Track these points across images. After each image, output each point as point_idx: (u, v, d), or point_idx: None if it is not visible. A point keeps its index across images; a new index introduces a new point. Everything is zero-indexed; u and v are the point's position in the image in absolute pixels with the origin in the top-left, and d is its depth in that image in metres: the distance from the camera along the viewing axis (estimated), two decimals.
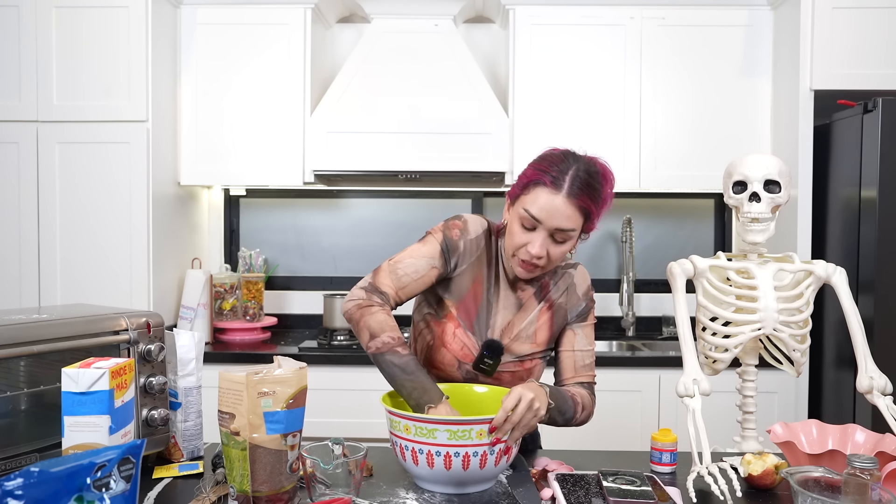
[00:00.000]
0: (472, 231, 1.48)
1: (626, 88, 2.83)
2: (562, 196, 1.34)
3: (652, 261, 3.20)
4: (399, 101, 2.82)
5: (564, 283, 1.53)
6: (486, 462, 1.21)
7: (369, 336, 1.36)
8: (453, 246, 1.46)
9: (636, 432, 2.60)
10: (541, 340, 1.50)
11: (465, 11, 3.00)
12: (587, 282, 1.55)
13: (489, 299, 1.49)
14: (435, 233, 1.48)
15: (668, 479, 1.35)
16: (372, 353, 1.36)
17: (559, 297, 1.52)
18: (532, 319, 1.49)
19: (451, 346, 1.47)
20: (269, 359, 2.27)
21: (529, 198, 1.36)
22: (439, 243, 1.46)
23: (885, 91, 2.54)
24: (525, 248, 1.38)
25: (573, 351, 1.51)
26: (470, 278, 1.48)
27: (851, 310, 1.51)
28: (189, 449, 1.42)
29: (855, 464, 1.04)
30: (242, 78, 2.84)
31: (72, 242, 2.63)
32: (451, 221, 1.50)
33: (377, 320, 1.37)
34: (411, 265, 1.43)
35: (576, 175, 1.35)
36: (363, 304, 1.40)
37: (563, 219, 1.35)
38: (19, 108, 2.61)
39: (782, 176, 1.54)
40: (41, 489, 0.88)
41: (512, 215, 1.41)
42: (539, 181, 1.36)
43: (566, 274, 1.54)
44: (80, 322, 1.30)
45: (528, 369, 1.50)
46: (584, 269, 1.56)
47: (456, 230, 1.48)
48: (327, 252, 3.23)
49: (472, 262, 1.48)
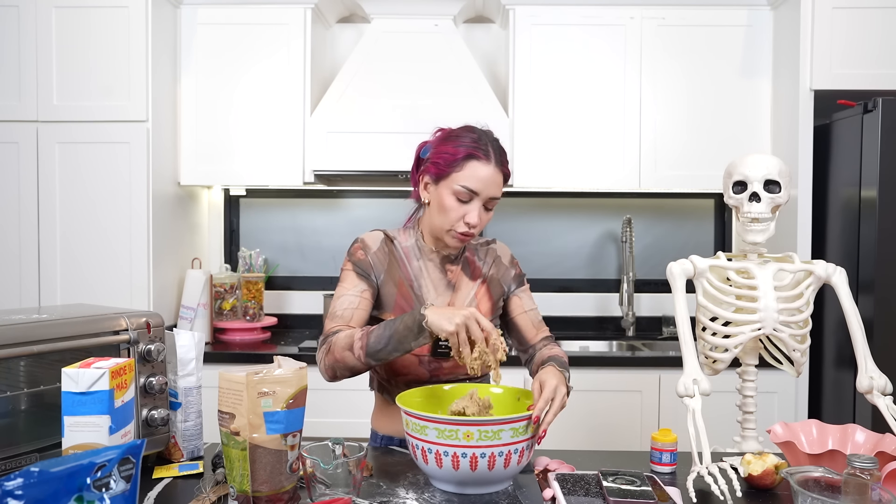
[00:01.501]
0: (372, 245, 1.55)
1: (626, 88, 2.83)
2: (492, 166, 1.45)
3: (652, 261, 3.20)
4: (399, 101, 2.82)
5: (490, 257, 1.64)
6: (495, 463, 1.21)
7: (350, 352, 1.39)
8: (365, 264, 1.53)
9: (636, 432, 2.60)
10: (484, 311, 1.57)
11: (465, 11, 3.00)
12: (509, 251, 1.68)
13: (420, 292, 1.54)
14: (345, 266, 1.55)
15: (668, 479, 1.35)
16: (364, 354, 1.37)
17: (489, 270, 1.62)
18: (471, 295, 1.57)
19: None
20: (269, 359, 2.27)
21: (464, 173, 1.43)
22: (353, 270, 1.53)
23: (885, 91, 2.54)
24: (462, 221, 1.46)
25: (525, 312, 1.63)
26: (392, 285, 1.54)
27: (851, 310, 1.51)
28: (189, 449, 1.42)
29: (855, 464, 1.04)
30: (242, 78, 2.84)
31: (72, 242, 2.63)
32: (351, 249, 1.56)
33: (341, 338, 1.41)
34: (343, 302, 1.49)
35: (494, 143, 1.48)
36: (326, 349, 1.44)
37: (496, 187, 1.46)
38: (19, 108, 2.61)
39: (782, 176, 1.54)
40: (41, 489, 0.88)
41: (441, 193, 1.47)
42: (471, 155, 1.44)
43: (489, 249, 1.65)
44: (80, 322, 1.30)
45: None
46: (502, 243, 1.69)
47: (359, 252, 1.54)
48: (327, 252, 3.23)
49: (385, 270, 1.54)
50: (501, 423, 1.20)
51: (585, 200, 3.22)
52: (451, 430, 1.19)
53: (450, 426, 1.19)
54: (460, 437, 1.19)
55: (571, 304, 3.19)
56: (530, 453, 1.27)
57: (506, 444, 1.21)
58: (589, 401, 2.58)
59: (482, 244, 1.65)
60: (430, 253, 1.56)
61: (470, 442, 1.19)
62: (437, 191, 1.48)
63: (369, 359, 1.38)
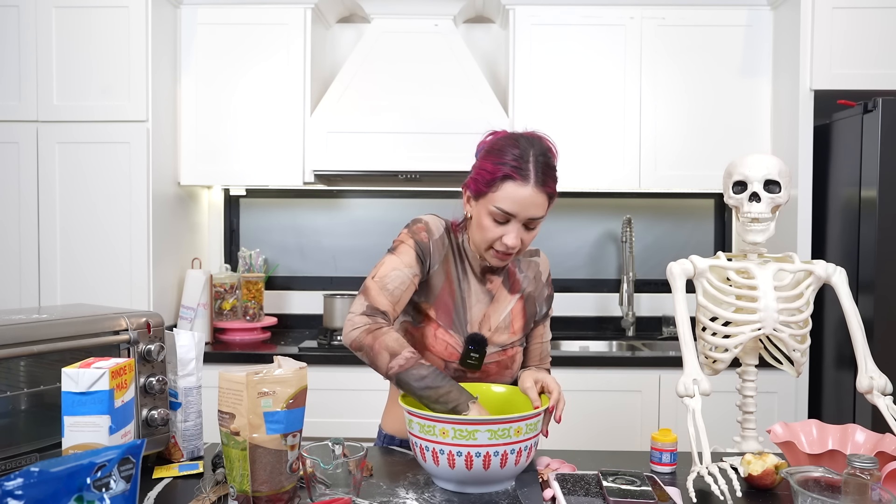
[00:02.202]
0: (435, 231, 1.48)
1: (626, 88, 2.83)
2: (531, 187, 1.35)
3: (652, 261, 3.20)
4: (399, 101, 2.82)
5: (531, 272, 1.58)
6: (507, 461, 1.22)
7: (389, 357, 1.33)
8: (426, 248, 1.46)
9: (636, 432, 2.60)
10: (517, 328, 1.53)
11: (465, 11, 3.00)
12: (548, 267, 1.63)
13: (462, 295, 1.49)
14: (406, 240, 1.46)
15: (668, 479, 1.35)
16: (395, 372, 1.32)
17: (528, 286, 1.57)
18: (507, 311, 1.52)
19: (435, 347, 1.46)
20: (269, 359, 2.27)
21: (499, 194, 1.36)
22: (414, 249, 1.45)
23: (885, 91, 2.54)
24: (500, 241, 1.40)
25: (542, 343, 1.61)
26: (441, 277, 1.48)
27: (851, 310, 1.51)
28: (189, 449, 1.42)
29: (855, 464, 1.04)
30: (242, 78, 2.84)
31: (72, 242, 2.63)
32: (414, 226, 1.48)
33: (393, 339, 1.34)
34: (398, 277, 1.41)
35: (537, 161, 1.36)
36: (372, 328, 1.36)
37: (535, 208, 1.37)
38: (19, 108, 2.61)
39: (782, 176, 1.54)
40: (41, 489, 0.88)
41: (479, 210, 1.41)
42: (508, 176, 1.35)
43: (531, 262, 1.59)
44: (80, 322, 1.30)
45: (510, 356, 1.53)
46: (545, 256, 1.62)
47: (423, 233, 1.47)
48: (327, 252, 3.23)
49: (440, 261, 1.48)
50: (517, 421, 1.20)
51: (585, 200, 3.22)
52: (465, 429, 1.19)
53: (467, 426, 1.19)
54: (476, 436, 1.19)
55: (571, 304, 3.19)
56: (530, 453, 1.28)
57: (519, 441, 1.21)
58: (589, 401, 2.58)
59: (526, 254, 1.60)
60: (474, 259, 1.51)
61: (484, 441, 1.19)
62: (476, 207, 1.42)
63: (395, 380, 1.33)
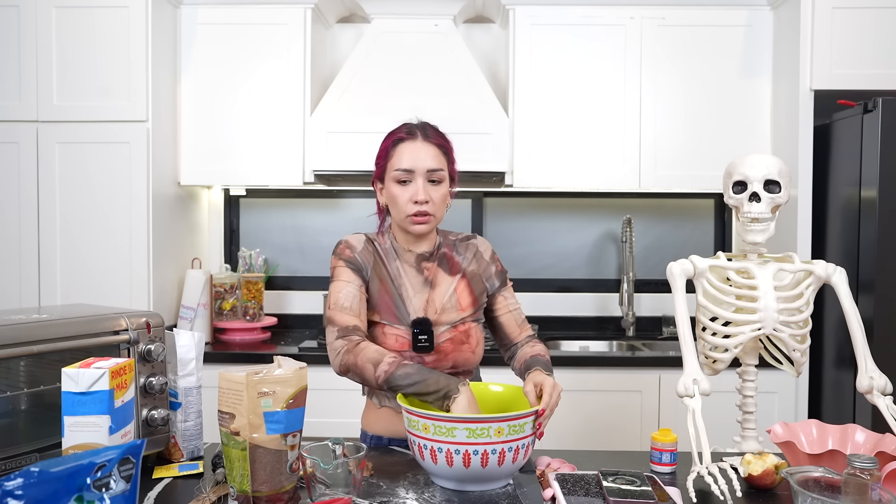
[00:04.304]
0: (356, 245, 1.58)
1: (626, 88, 2.83)
2: (419, 141, 1.51)
3: (652, 261, 3.20)
4: (399, 101, 2.82)
5: (470, 252, 1.64)
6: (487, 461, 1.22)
7: (373, 367, 1.39)
8: (355, 262, 1.55)
9: (636, 432, 2.60)
10: (465, 305, 1.58)
11: (465, 11, 3.00)
12: (490, 247, 1.68)
13: (398, 291, 1.55)
14: (336, 264, 1.56)
15: (668, 479, 1.35)
16: (383, 379, 1.38)
17: (469, 265, 1.62)
18: (451, 290, 1.58)
19: (386, 344, 1.52)
20: (269, 359, 2.27)
21: (395, 159, 1.51)
22: (346, 267, 1.54)
23: (885, 91, 2.54)
24: (411, 204, 1.50)
25: (510, 312, 1.65)
26: (376, 282, 1.56)
27: (851, 310, 1.51)
28: (189, 449, 1.42)
29: (855, 464, 1.04)
30: (242, 78, 2.84)
31: (72, 242, 2.63)
32: (338, 249, 1.57)
33: (372, 350, 1.42)
34: (347, 294, 1.50)
35: (422, 124, 1.56)
36: (350, 348, 1.44)
37: (430, 159, 1.50)
38: (19, 108, 2.61)
39: (782, 176, 1.54)
40: (41, 489, 0.88)
41: (387, 189, 1.54)
42: (397, 140, 1.52)
43: (469, 245, 1.65)
44: (80, 322, 1.30)
45: (463, 332, 1.57)
46: (483, 239, 1.69)
47: (346, 251, 1.56)
48: (327, 252, 3.22)
49: (371, 268, 1.56)
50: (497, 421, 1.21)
51: (585, 200, 3.22)
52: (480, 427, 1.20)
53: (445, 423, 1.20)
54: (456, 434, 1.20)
55: (571, 304, 3.19)
56: (527, 452, 1.28)
57: (500, 441, 1.21)
58: (589, 401, 2.58)
59: (462, 239, 1.66)
60: (405, 253, 1.58)
61: (481, 439, 1.20)
62: (385, 189, 1.55)
63: (386, 385, 1.39)
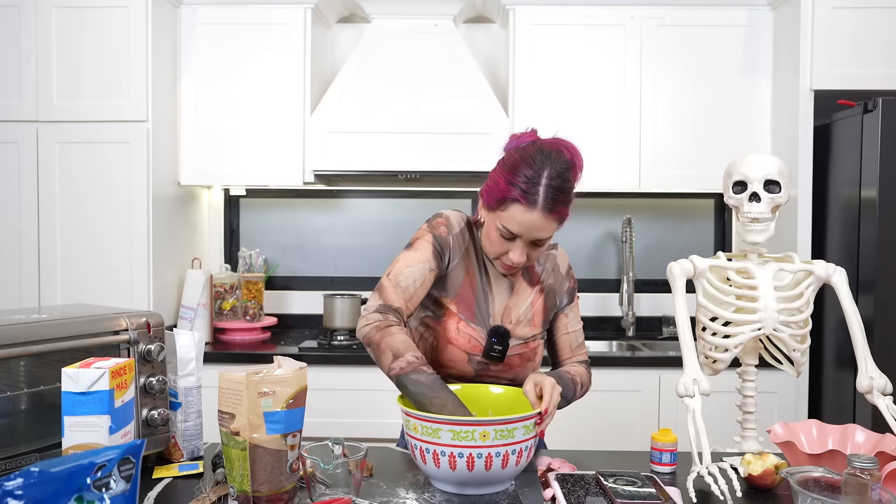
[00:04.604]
0: (455, 226, 1.51)
1: (626, 88, 2.83)
2: (538, 212, 1.35)
3: (652, 261, 3.20)
4: (399, 101, 2.82)
5: (550, 265, 1.59)
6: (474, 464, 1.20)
7: (392, 357, 1.33)
8: (444, 243, 1.48)
9: (636, 432, 2.60)
10: (538, 323, 1.55)
11: (465, 11, 3.00)
12: (567, 260, 1.63)
13: (483, 288, 1.51)
14: (424, 236, 1.48)
15: (668, 479, 1.35)
16: (396, 374, 1.33)
17: (548, 279, 1.57)
18: (528, 304, 1.54)
19: (458, 341, 1.48)
20: (269, 359, 2.27)
21: (506, 215, 1.37)
22: (431, 244, 1.47)
23: (885, 91, 2.54)
24: (506, 255, 1.42)
25: (568, 333, 1.60)
26: (462, 271, 1.50)
27: (851, 310, 1.51)
28: (189, 449, 1.42)
29: (855, 464, 1.04)
30: (242, 78, 2.84)
31: (72, 242, 2.63)
32: (434, 221, 1.50)
33: (399, 340, 1.35)
34: (411, 274, 1.43)
35: (548, 186, 1.35)
36: (381, 326, 1.37)
37: (540, 231, 1.38)
38: (19, 108, 2.61)
39: (782, 176, 1.54)
40: (41, 489, 0.88)
41: (489, 222, 1.42)
42: (514, 199, 1.35)
43: (549, 256, 1.60)
44: (80, 322, 1.30)
45: (532, 349, 1.54)
46: (563, 250, 1.63)
47: (442, 227, 1.49)
48: (327, 252, 3.23)
49: (461, 255, 1.51)
50: (515, 422, 1.20)
51: (585, 200, 3.22)
52: (466, 430, 1.19)
53: (465, 427, 1.19)
54: (476, 437, 1.19)
55: None
56: (529, 454, 1.27)
57: (519, 441, 1.21)
58: (589, 401, 2.57)
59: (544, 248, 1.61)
60: None
61: (486, 442, 1.19)
62: (487, 217, 1.44)
63: (395, 379, 1.34)
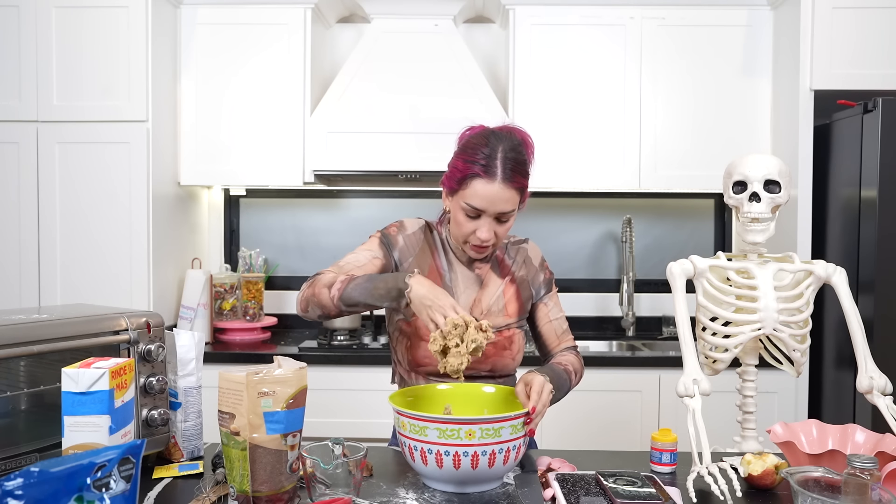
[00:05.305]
0: (408, 228, 1.59)
1: (627, 88, 2.83)
2: (497, 183, 1.41)
3: (652, 261, 3.20)
4: (399, 101, 2.82)
5: (520, 257, 1.63)
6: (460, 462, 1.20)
7: (328, 289, 1.43)
8: (392, 240, 1.57)
9: (636, 432, 2.60)
10: (512, 311, 1.57)
11: (465, 11, 3.00)
12: (539, 253, 1.67)
13: (449, 284, 1.55)
14: (373, 234, 1.59)
15: (668, 479, 1.35)
16: (338, 297, 1.41)
17: (519, 270, 1.61)
18: (499, 294, 1.57)
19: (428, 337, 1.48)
20: (269, 359, 2.27)
21: (468, 192, 1.43)
22: (378, 239, 1.57)
23: (885, 91, 2.54)
24: (474, 234, 1.47)
25: (550, 322, 1.63)
26: (425, 271, 1.55)
27: (851, 310, 1.51)
28: (189, 449, 1.42)
29: (855, 464, 1.04)
30: (242, 78, 2.84)
31: (72, 242, 2.63)
32: (388, 224, 1.61)
33: (327, 278, 1.45)
34: (352, 258, 1.53)
35: (505, 158, 1.43)
36: (309, 282, 1.48)
37: (503, 203, 1.43)
38: (19, 108, 2.61)
39: (782, 176, 1.54)
40: (41, 489, 0.88)
41: (454, 206, 1.48)
42: (473, 174, 1.42)
43: (519, 248, 1.64)
44: (80, 322, 1.30)
45: (507, 337, 1.56)
46: (534, 243, 1.68)
47: (393, 228, 1.59)
48: (327, 252, 3.23)
49: (416, 254, 1.56)
50: (501, 421, 1.20)
51: (585, 200, 3.22)
52: (452, 429, 1.19)
53: (451, 426, 1.19)
54: (462, 436, 1.19)
55: (571, 304, 3.18)
56: (518, 454, 1.27)
57: (506, 440, 1.21)
58: (589, 401, 2.58)
59: (514, 242, 1.65)
60: (459, 250, 1.57)
61: (472, 440, 1.19)
62: (451, 202, 1.50)
63: (341, 303, 1.42)
